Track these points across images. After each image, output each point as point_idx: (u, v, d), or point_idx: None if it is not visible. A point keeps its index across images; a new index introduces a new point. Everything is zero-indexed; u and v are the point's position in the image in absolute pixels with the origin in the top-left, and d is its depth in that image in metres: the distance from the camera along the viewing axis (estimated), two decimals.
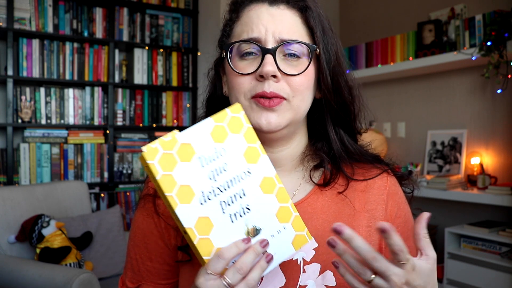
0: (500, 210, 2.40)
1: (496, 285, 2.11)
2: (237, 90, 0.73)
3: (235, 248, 0.59)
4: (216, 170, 0.59)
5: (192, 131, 0.59)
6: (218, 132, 0.60)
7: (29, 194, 2.38)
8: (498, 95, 2.42)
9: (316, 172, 0.80)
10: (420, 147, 2.86)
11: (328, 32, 0.76)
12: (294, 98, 0.72)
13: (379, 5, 3.18)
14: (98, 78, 3.11)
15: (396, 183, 0.81)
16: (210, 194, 0.59)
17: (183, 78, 3.42)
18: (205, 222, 0.58)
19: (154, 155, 0.56)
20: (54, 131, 2.98)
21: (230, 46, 0.74)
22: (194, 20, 3.46)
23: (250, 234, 0.61)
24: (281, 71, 0.71)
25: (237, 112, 0.62)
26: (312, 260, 0.72)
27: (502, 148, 2.44)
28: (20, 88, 2.89)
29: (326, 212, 0.76)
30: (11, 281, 1.94)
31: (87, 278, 1.81)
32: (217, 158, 0.60)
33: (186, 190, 0.57)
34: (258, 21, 0.72)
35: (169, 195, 0.56)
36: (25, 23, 2.87)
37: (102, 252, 2.41)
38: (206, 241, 0.59)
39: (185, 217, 0.57)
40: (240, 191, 0.61)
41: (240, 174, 0.61)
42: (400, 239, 0.58)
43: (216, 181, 0.59)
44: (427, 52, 2.56)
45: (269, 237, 0.63)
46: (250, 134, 0.63)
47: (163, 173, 0.56)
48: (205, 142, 0.59)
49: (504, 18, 2.20)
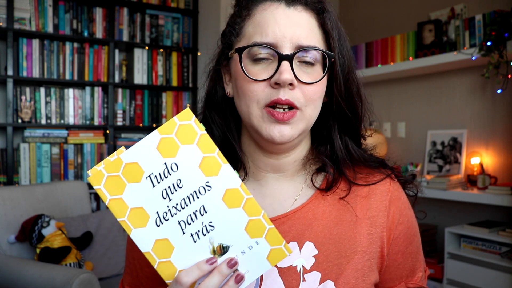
0: (500, 210, 2.40)
1: (496, 285, 2.11)
2: (249, 97, 0.68)
3: (197, 270, 0.55)
4: (170, 188, 0.55)
5: (137, 148, 0.54)
6: (166, 145, 0.54)
7: (29, 194, 2.38)
8: (498, 95, 2.42)
9: (318, 177, 0.78)
10: (420, 147, 2.86)
11: (342, 36, 0.73)
12: (307, 107, 0.69)
13: (379, 5, 3.18)
14: (98, 78, 3.11)
15: (399, 188, 0.79)
16: (166, 215, 0.55)
17: (183, 78, 3.42)
18: (164, 244, 0.55)
19: (100, 179, 0.53)
20: (54, 131, 2.98)
21: (244, 50, 0.69)
22: (194, 20, 3.46)
23: (216, 253, 0.57)
24: (298, 79, 0.67)
25: (187, 119, 0.55)
26: (312, 268, 0.70)
27: (502, 148, 2.44)
28: (20, 88, 2.89)
29: (327, 218, 0.74)
30: (11, 281, 1.94)
31: (87, 278, 1.80)
32: (169, 175, 0.55)
33: (139, 212, 0.54)
34: (274, 23, 0.68)
35: (121, 220, 0.53)
36: (25, 23, 2.87)
37: (102, 252, 2.41)
38: (167, 264, 0.55)
39: (142, 242, 0.54)
40: (200, 207, 0.56)
41: (198, 188, 0.56)
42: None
43: (171, 200, 0.55)
44: (427, 52, 2.56)
45: (239, 254, 0.58)
46: (206, 141, 0.56)
47: (111, 198, 0.53)
48: (153, 158, 0.54)
49: (504, 18, 2.19)
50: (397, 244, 0.75)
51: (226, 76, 0.77)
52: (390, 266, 0.75)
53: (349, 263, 0.71)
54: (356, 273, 0.71)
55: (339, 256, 0.71)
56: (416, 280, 0.77)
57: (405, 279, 0.77)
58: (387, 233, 0.74)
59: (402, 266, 0.76)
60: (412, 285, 0.77)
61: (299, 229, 0.73)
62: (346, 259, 0.71)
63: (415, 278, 0.77)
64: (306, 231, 0.73)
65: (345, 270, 0.70)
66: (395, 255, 0.75)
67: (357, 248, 0.72)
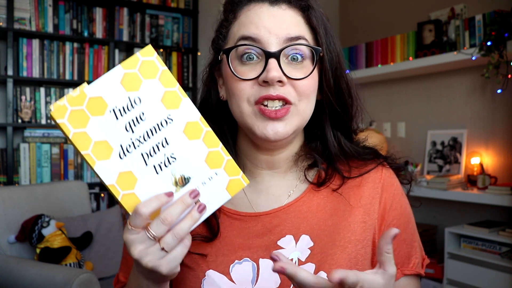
0: (500, 210, 2.40)
1: (496, 285, 2.11)
2: (239, 96, 0.69)
3: (156, 201, 0.56)
4: (133, 120, 0.56)
5: (101, 82, 0.55)
6: (130, 80, 0.56)
7: (29, 194, 2.38)
8: (498, 95, 2.42)
9: (311, 172, 0.78)
10: (420, 147, 2.86)
11: (330, 32, 0.74)
12: (301, 102, 0.70)
13: (379, 5, 3.18)
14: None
15: (392, 174, 0.79)
16: (130, 147, 0.56)
17: (183, 78, 3.42)
18: (127, 176, 0.56)
19: (63, 113, 0.52)
20: (54, 131, 2.98)
21: (230, 51, 0.69)
22: (194, 20, 3.46)
23: (178, 184, 0.58)
24: (287, 76, 0.67)
25: (150, 55, 0.57)
26: (307, 260, 0.71)
27: (502, 148, 2.44)
28: (20, 88, 2.89)
29: (321, 210, 0.75)
30: (11, 281, 1.94)
31: (87, 278, 1.80)
32: (133, 108, 0.56)
33: (102, 145, 0.54)
34: (259, 21, 0.69)
35: (85, 153, 0.53)
36: (25, 23, 2.87)
37: (102, 252, 2.41)
38: (131, 196, 0.56)
39: (105, 174, 0.54)
40: (163, 139, 0.57)
41: (160, 121, 0.57)
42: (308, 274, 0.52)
43: (134, 133, 0.56)
44: (427, 52, 2.56)
45: (200, 185, 0.60)
46: (167, 77, 0.58)
47: (75, 131, 0.53)
48: (117, 92, 0.55)
49: (504, 18, 2.20)
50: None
51: (219, 80, 0.78)
52: None
53: (343, 252, 0.71)
54: (349, 262, 0.71)
55: (333, 246, 0.71)
56: (412, 267, 0.76)
57: (401, 267, 0.76)
58: (379, 220, 0.74)
59: (396, 253, 0.75)
60: (408, 272, 0.76)
61: (294, 222, 0.73)
62: (340, 248, 0.71)
63: (411, 265, 0.76)
64: (301, 224, 0.73)
65: (338, 259, 0.71)
66: None
67: (351, 237, 0.72)
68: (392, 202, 0.76)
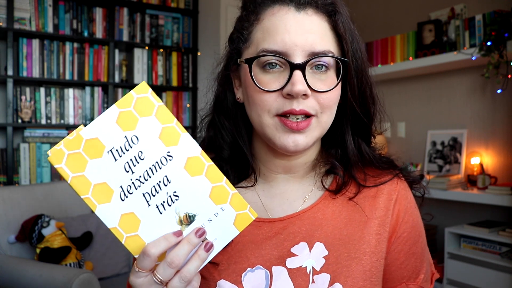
0: (500, 210, 2.40)
1: (496, 285, 2.11)
2: (260, 107, 0.66)
3: (164, 242, 0.55)
4: (132, 160, 0.55)
5: (96, 123, 0.54)
6: (126, 119, 0.55)
7: (29, 194, 2.38)
8: (498, 95, 2.42)
9: (328, 178, 0.77)
10: (420, 147, 2.86)
11: (355, 38, 0.71)
12: (323, 114, 0.67)
13: (379, 5, 3.18)
14: (98, 78, 3.11)
15: (406, 187, 0.78)
16: (130, 188, 0.55)
17: (183, 78, 3.41)
18: (130, 218, 0.55)
19: (61, 158, 0.52)
20: (54, 131, 2.98)
21: (253, 60, 0.66)
22: (194, 20, 3.46)
23: (183, 223, 0.57)
24: (311, 89, 0.65)
25: (144, 92, 0.56)
26: (322, 270, 0.69)
27: (502, 148, 2.44)
28: (20, 88, 2.89)
29: (336, 218, 0.73)
30: (11, 281, 1.94)
31: (87, 278, 1.80)
32: (131, 148, 0.55)
33: (102, 188, 0.54)
34: (284, 30, 0.65)
35: (85, 197, 0.53)
36: (25, 23, 2.87)
37: (102, 252, 2.40)
38: (135, 238, 0.55)
39: (107, 217, 0.54)
40: (164, 178, 0.56)
41: (160, 159, 0.56)
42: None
43: (134, 173, 0.55)
44: (427, 52, 2.56)
45: (206, 222, 0.58)
46: (164, 112, 0.56)
47: (73, 175, 0.53)
48: (113, 132, 0.54)
49: (504, 18, 2.20)
50: (400, 242, 0.74)
51: (235, 82, 0.75)
52: (391, 265, 0.74)
53: (358, 265, 0.70)
54: (364, 274, 0.70)
55: (349, 258, 0.70)
56: (418, 281, 0.75)
57: (407, 280, 0.75)
58: (390, 231, 0.73)
59: (404, 266, 0.75)
60: (413, 287, 0.75)
61: (309, 229, 0.72)
62: (355, 260, 0.70)
63: (417, 280, 0.75)
64: (316, 231, 0.72)
65: (353, 272, 0.69)
66: (397, 253, 0.74)
67: (366, 249, 0.71)
68: (405, 215, 0.75)
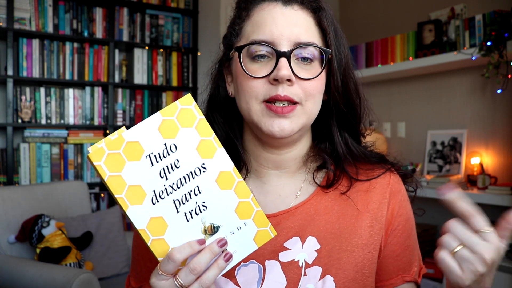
0: (500, 210, 2.40)
1: (496, 285, 2.11)
2: (248, 93, 0.70)
3: (189, 248, 0.57)
4: (168, 167, 0.57)
5: (139, 128, 0.56)
6: (167, 127, 0.57)
7: (29, 194, 2.38)
8: (498, 95, 2.41)
9: (319, 173, 0.79)
10: (420, 147, 2.85)
11: (339, 33, 0.75)
12: (307, 102, 0.71)
13: (379, 5, 3.18)
14: (98, 78, 3.11)
15: (399, 181, 0.80)
16: (162, 193, 0.57)
17: (183, 78, 3.41)
18: (158, 222, 0.57)
19: (101, 156, 0.54)
20: (54, 131, 2.98)
21: (242, 48, 0.71)
22: (194, 20, 3.46)
23: (207, 232, 0.59)
24: (296, 75, 0.69)
25: (188, 104, 0.58)
26: (314, 263, 0.71)
27: (502, 148, 2.44)
28: (20, 88, 2.89)
29: (329, 213, 0.75)
30: (11, 281, 1.94)
31: (87, 278, 1.80)
32: (168, 155, 0.57)
33: (136, 190, 0.55)
34: (272, 22, 0.70)
35: (118, 196, 0.54)
36: (25, 23, 2.87)
37: (102, 252, 2.41)
38: (160, 242, 0.57)
39: (137, 218, 0.55)
40: (195, 188, 0.58)
41: (194, 169, 0.58)
42: (468, 203, 0.57)
43: (168, 179, 0.57)
44: (427, 52, 2.56)
45: (229, 234, 0.61)
46: (204, 126, 0.59)
47: (110, 174, 0.54)
48: (154, 138, 0.56)
49: (504, 18, 2.19)
50: (396, 235, 0.76)
51: (228, 77, 0.79)
52: (388, 258, 0.76)
53: (349, 257, 0.72)
54: (355, 266, 0.72)
55: (340, 251, 0.72)
56: (412, 274, 0.78)
57: (402, 272, 0.77)
58: (386, 224, 0.75)
59: (400, 258, 0.77)
60: (409, 279, 0.77)
61: (301, 224, 0.74)
62: (347, 253, 0.72)
63: (411, 272, 0.78)
64: (308, 226, 0.73)
65: (345, 264, 0.71)
66: (393, 246, 0.76)
67: (358, 241, 0.73)
68: (399, 208, 0.77)
